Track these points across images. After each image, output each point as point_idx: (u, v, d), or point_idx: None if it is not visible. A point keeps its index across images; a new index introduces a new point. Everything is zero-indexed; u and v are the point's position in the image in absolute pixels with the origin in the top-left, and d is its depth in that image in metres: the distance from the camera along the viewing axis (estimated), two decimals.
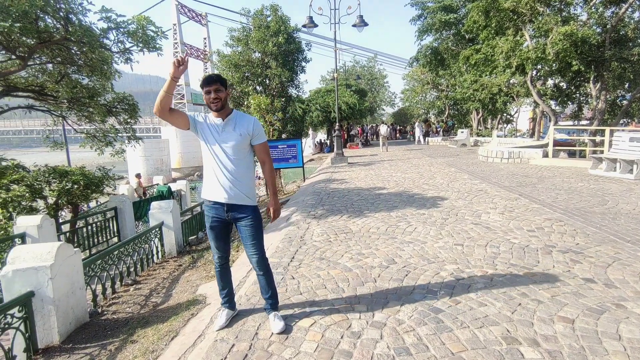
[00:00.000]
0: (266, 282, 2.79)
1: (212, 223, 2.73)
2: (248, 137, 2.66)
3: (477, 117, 27.36)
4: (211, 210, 2.72)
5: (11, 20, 6.82)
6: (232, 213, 2.68)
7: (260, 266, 2.74)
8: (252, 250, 2.71)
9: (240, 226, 2.72)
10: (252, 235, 2.69)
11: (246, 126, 2.65)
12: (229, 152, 2.62)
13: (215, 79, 2.59)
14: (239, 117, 2.68)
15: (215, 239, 2.78)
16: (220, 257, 2.84)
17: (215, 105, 2.58)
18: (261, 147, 2.74)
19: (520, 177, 9.30)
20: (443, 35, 24.51)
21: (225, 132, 2.62)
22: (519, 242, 4.37)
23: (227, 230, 2.82)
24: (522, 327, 2.58)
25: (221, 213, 2.69)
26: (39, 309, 3.21)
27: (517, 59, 13.48)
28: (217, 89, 2.55)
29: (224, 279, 2.89)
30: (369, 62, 48.78)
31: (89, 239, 8.09)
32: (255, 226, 2.70)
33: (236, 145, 2.62)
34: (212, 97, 2.57)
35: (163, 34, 9.57)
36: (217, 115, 2.65)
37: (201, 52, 59.69)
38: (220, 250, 2.82)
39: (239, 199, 2.65)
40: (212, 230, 2.75)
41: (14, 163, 7.51)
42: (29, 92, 10.32)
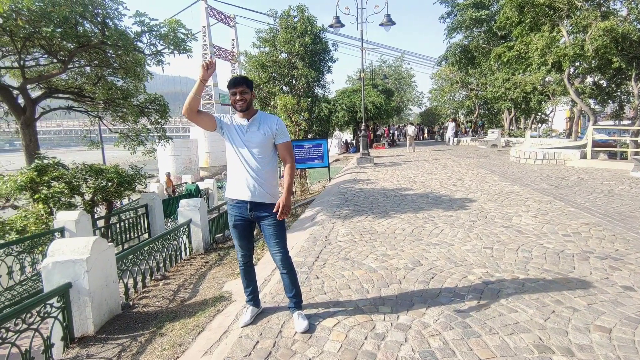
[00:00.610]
0: (290, 281, 2.80)
1: (235, 222, 2.77)
2: (271, 137, 2.70)
3: (509, 116, 26.48)
4: (234, 209, 2.76)
5: (53, 25, 7.20)
6: (255, 212, 2.72)
7: (283, 264, 2.76)
8: (276, 249, 2.74)
9: (263, 225, 2.75)
10: (275, 234, 2.72)
11: (269, 125, 2.69)
12: (253, 152, 2.66)
13: (241, 80, 2.63)
14: (263, 118, 2.73)
15: (238, 237, 2.82)
16: (244, 256, 2.88)
17: (240, 106, 2.64)
18: (284, 145, 2.75)
19: (555, 179, 8.93)
20: (473, 32, 23.88)
21: (249, 132, 2.67)
22: (554, 247, 4.18)
23: (251, 229, 2.85)
24: (555, 335, 2.47)
25: (244, 212, 2.73)
26: (75, 299, 3.36)
27: (553, 55, 12.95)
28: (243, 90, 2.61)
29: (248, 277, 2.93)
30: (396, 61, 48.23)
31: (121, 234, 8.40)
32: (278, 225, 2.73)
33: (260, 144, 2.66)
34: (238, 98, 2.62)
35: (193, 36, 9.83)
36: (242, 116, 2.70)
37: (229, 54, 60.84)
38: (243, 249, 2.86)
39: (262, 197, 2.68)
40: (235, 229, 2.80)
41: (54, 161, 7.89)
42: (69, 94, 10.88)
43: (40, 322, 3.01)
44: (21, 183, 7.06)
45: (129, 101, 10.55)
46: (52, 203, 7.23)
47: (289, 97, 14.19)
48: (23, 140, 9.20)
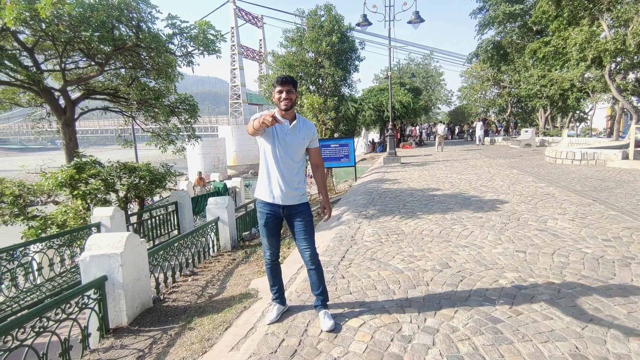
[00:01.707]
0: (317, 278, 2.82)
1: (266, 220, 2.81)
2: (308, 140, 2.80)
3: (544, 115, 25.44)
4: (265, 207, 2.80)
5: (91, 30, 7.53)
6: (286, 210, 2.78)
7: (312, 261, 2.78)
8: (305, 245, 2.77)
9: (293, 222, 2.79)
10: (304, 230, 2.76)
11: (307, 130, 2.78)
12: (290, 154, 2.72)
13: (289, 80, 2.69)
14: (302, 121, 2.81)
15: (268, 235, 2.85)
16: (272, 254, 2.91)
17: (285, 105, 2.67)
18: (316, 150, 2.90)
19: (594, 180, 8.50)
20: (507, 28, 23.10)
21: (290, 134, 2.71)
22: (592, 252, 3.98)
23: (279, 227, 2.89)
24: (593, 344, 2.35)
25: (276, 210, 2.78)
26: (110, 292, 3.50)
27: (593, 50, 12.34)
28: (290, 90, 2.67)
29: (274, 275, 2.96)
30: (425, 59, 47.35)
31: (152, 230, 8.69)
32: (308, 222, 2.78)
33: (298, 147, 2.75)
34: (284, 97, 2.66)
35: (222, 37, 10.03)
36: (283, 116, 2.71)
37: (257, 54, 61.68)
38: (272, 247, 2.89)
39: (294, 199, 2.75)
40: (266, 227, 2.83)
41: (91, 159, 8.26)
42: (105, 95, 11.36)
43: (78, 313, 3.15)
44: (62, 180, 7.43)
45: (160, 101, 10.90)
46: (89, 199, 7.57)
47: (315, 96, 14.22)
48: (63, 139, 9.68)
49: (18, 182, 8.00)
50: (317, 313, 2.86)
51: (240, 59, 57.90)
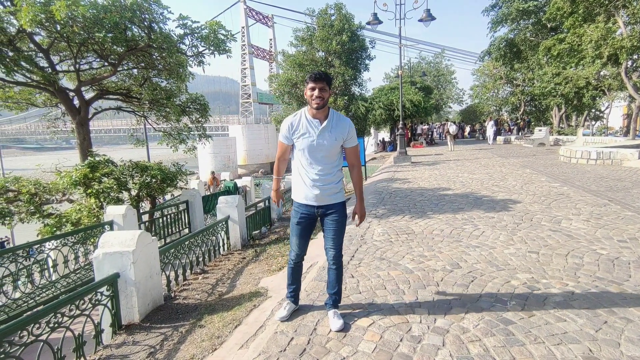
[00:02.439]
0: (335, 277, 2.79)
1: (299, 219, 2.75)
2: (342, 140, 2.66)
3: (558, 113, 25.00)
4: (300, 207, 2.74)
5: (105, 31, 7.64)
6: (323, 209, 2.71)
7: (335, 260, 2.75)
8: (331, 244, 2.72)
9: (327, 220, 2.73)
10: (335, 229, 2.71)
11: (341, 129, 2.64)
12: (322, 155, 2.62)
13: (323, 77, 2.54)
14: (335, 119, 2.65)
15: (299, 235, 2.78)
16: (298, 255, 2.85)
17: (317, 103, 2.54)
18: (352, 150, 2.73)
19: (610, 180, 8.32)
20: (520, 25, 22.76)
21: (322, 134, 2.59)
22: (608, 253, 3.90)
23: (311, 228, 2.83)
24: (607, 347, 2.30)
25: (311, 211, 2.72)
26: (122, 289, 3.55)
27: (609, 48, 12.09)
28: (323, 87, 2.53)
29: (294, 275, 2.92)
30: (436, 57, 46.91)
31: (164, 228, 8.79)
32: (341, 222, 2.72)
33: (330, 148, 2.62)
34: (317, 94, 2.52)
35: (232, 37, 10.09)
36: (315, 115, 2.61)
37: (267, 53, 61.89)
38: (300, 248, 2.82)
39: (330, 200, 2.68)
40: (299, 226, 2.77)
41: (105, 158, 8.39)
42: (118, 95, 11.52)
43: (91, 309, 3.21)
44: (76, 179, 7.57)
45: (171, 101, 11.01)
46: (102, 198, 7.69)
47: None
48: (77, 138, 9.85)
49: (34, 181, 8.18)
50: (326, 312, 2.86)
51: (250, 59, 58.18)
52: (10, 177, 8.24)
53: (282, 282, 4.28)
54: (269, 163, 53.11)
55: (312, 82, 2.53)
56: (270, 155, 53.99)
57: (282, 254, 5.94)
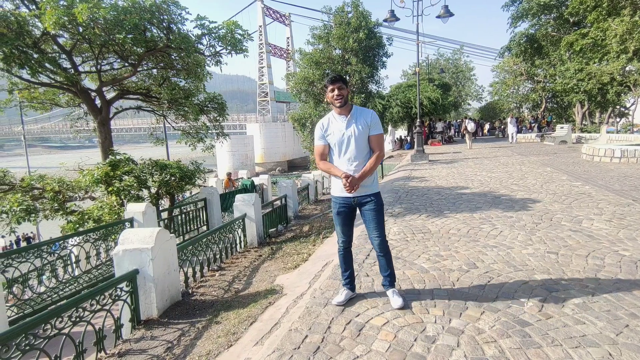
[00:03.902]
0: (386, 262, 2.99)
1: (339, 209, 2.96)
2: (368, 128, 2.85)
3: (581, 110, 24.28)
4: (337, 199, 2.97)
5: (125, 32, 7.82)
6: (357, 200, 2.92)
7: (381, 247, 2.94)
8: (375, 233, 2.91)
9: (364, 210, 2.93)
10: (375, 218, 2.89)
11: (364, 118, 2.86)
12: (354, 145, 2.82)
13: (338, 78, 2.83)
14: (358, 112, 2.90)
15: (341, 224, 3.00)
16: (345, 242, 3.03)
17: (338, 102, 2.81)
18: (376, 137, 2.88)
19: (635, 179, 8.04)
20: (541, 20, 22.19)
21: (349, 128, 2.83)
22: (631, 254, 3.77)
23: (353, 216, 3.02)
24: (628, 351, 2.23)
25: (348, 202, 2.93)
26: (141, 285, 3.65)
27: (635, 42, 11.67)
28: (340, 87, 2.80)
29: (346, 262, 3.08)
30: (454, 54, 46.19)
31: (182, 226, 8.96)
32: (378, 210, 2.90)
33: (358, 137, 2.82)
34: (336, 94, 2.80)
35: (249, 37, 10.18)
36: (340, 112, 2.87)
37: (284, 52, 62.12)
38: (345, 235, 3.02)
39: (366, 189, 2.88)
40: (339, 216, 2.98)
41: (125, 157, 8.60)
42: (138, 95, 11.79)
43: (112, 304, 3.31)
44: (97, 177, 7.78)
45: (190, 100, 11.20)
46: (123, 195, 7.89)
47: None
48: (99, 137, 10.14)
49: (58, 179, 8.45)
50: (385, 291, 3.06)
51: (268, 57, 58.53)
52: (36, 175, 8.54)
53: (298, 280, 4.32)
54: (286, 161, 53.39)
55: (330, 84, 2.82)
56: (287, 154, 54.31)
57: (298, 252, 5.98)
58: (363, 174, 2.83)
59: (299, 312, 3.01)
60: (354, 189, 2.80)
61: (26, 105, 11.66)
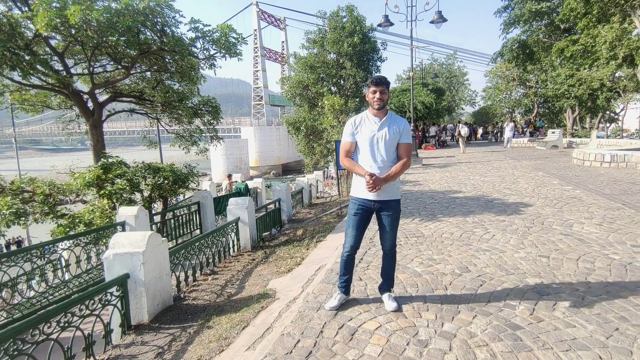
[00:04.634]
0: (389, 265, 3.05)
1: (357, 210, 2.93)
2: (399, 134, 2.87)
3: (572, 115, 24.58)
4: (358, 200, 2.94)
5: (118, 34, 7.78)
6: (378, 204, 2.90)
7: (390, 250, 3.00)
8: (389, 237, 2.96)
9: (383, 215, 2.93)
10: (390, 224, 2.93)
11: (397, 124, 2.88)
12: (383, 148, 2.84)
13: (383, 81, 2.84)
14: (393, 118, 2.92)
15: (355, 226, 2.95)
16: (351, 247, 2.99)
17: (378, 104, 2.83)
18: (405, 145, 2.90)
19: (625, 183, 8.15)
20: (533, 26, 22.49)
21: (381, 130, 2.85)
22: (620, 258, 3.82)
23: (368, 220, 3.00)
24: (618, 355, 2.25)
25: (368, 204, 2.91)
26: (132, 289, 3.61)
27: (624, 48, 11.87)
28: (383, 90, 2.82)
29: (347, 267, 3.07)
30: (448, 59, 46.58)
31: (175, 229, 8.89)
32: (396, 217, 2.94)
33: (389, 141, 2.84)
34: (378, 97, 2.81)
35: (243, 40, 10.18)
36: (375, 114, 2.88)
37: (279, 55, 62.24)
38: (355, 240, 2.98)
39: (387, 195, 2.88)
40: (355, 217, 2.94)
41: (118, 160, 8.53)
42: (131, 97, 11.72)
43: (101, 309, 3.26)
44: (89, 180, 7.71)
45: (184, 103, 11.16)
46: (115, 198, 7.82)
47: (336, 97, 14.20)
48: (91, 140, 10.05)
49: (49, 182, 8.35)
50: (380, 295, 3.11)
51: (262, 61, 58.57)
52: (26, 178, 8.44)
53: (291, 284, 4.30)
54: (281, 165, 53.32)
55: (374, 85, 2.82)
56: (282, 157, 54.27)
57: (292, 256, 5.96)
58: (388, 176, 2.81)
59: (291, 317, 3.00)
60: (376, 189, 2.77)
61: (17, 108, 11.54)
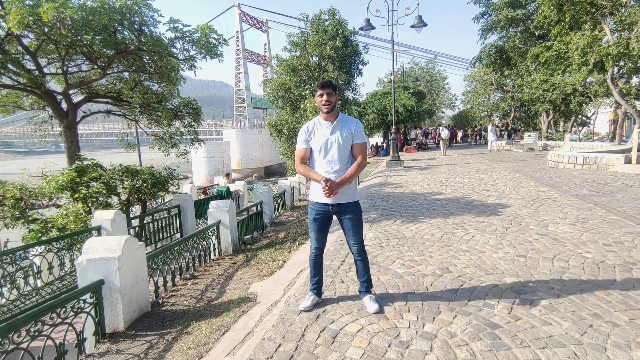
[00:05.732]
0: (363, 267, 3.03)
1: (315, 216, 2.95)
2: (352, 135, 2.87)
3: (547, 119, 25.36)
4: (316, 205, 2.95)
5: (93, 33, 7.58)
6: (336, 208, 2.92)
7: (359, 253, 3.00)
8: (354, 241, 2.97)
9: (343, 218, 2.95)
10: (353, 227, 2.94)
11: (349, 126, 2.88)
12: (337, 152, 2.83)
13: (328, 84, 2.84)
14: (344, 120, 2.92)
15: (316, 230, 3.00)
16: (317, 248, 3.04)
17: (326, 107, 2.83)
18: (359, 146, 2.90)
19: (596, 184, 8.44)
20: (509, 32, 23.12)
21: (333, 134, 2.84)
22: (593, 256, 3.93)
23: (329, 223, 3.03)
24: (592, 351, 2.31)
25: (326, 209, 2.93)
26: (107, 296, 3.49)
27: (595, 55, 12.30)
28: (329, 92, 2.81)
29: (316, 268, 3.09)
30: (429, 63, 47.43)
31: (154, 234, 8.68)
32: (357, 219, 2.94)
33: (343, 145, 2.83)
34: (325, 100, 2.81)
35: (224, 42, 10.08)
36: (326, 118, 2.88)
37: (261, 58, 61.94)
38: (319, 242, 3.03)
39: (344, 198, 2.89)
40: (315, 222, 2.97)
41: (93, 162, 8.28)
42: (108, 98, 11.42)
43: (74, 317, 3.14)
44: (62, 183, 7.45)
45: (163, 105, 10.94)
46: (90, 202, 7.58)
47: None
48: (65, 142, 9.73)
49: (20, 185, 8.02)
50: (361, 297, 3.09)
51: (245, 63, 58.17)
52: None
53: (272, 288, 4.25)
54: (263, 167, 52.98)
55: (320, 89, 2.82)
56: (264, 160, 53.95)
57: (274, 259, 5.91)
58: (343, 179, 2.82)
59: (272, 320, 2.96)
60: (333, 193, 2.78)
61: None
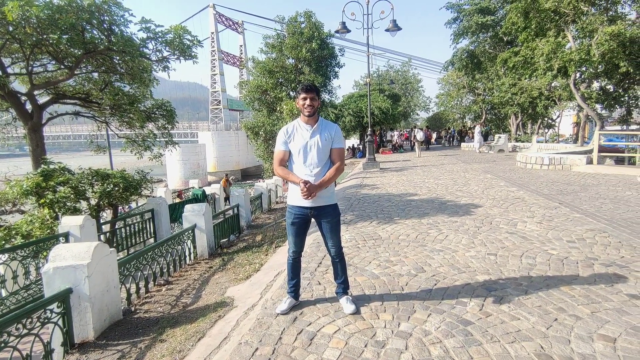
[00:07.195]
0: (340, 269, 3.07)
1: (294, 219, 2.95)
2: (331, 140, 2.89)
3: (515, 121, 26.32)
4: (293, 208, 2.95)
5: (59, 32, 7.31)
6: (314, 211, 2.92)
7: (337, 255, 3.03)
8: (332, 243, 3.00)
9: (322, 221, 2.96)
10: (331, 230, 2.96)
11: (329, 130, 2.91)
12: (316, 155, 2.85)
13: (313, 88, 2.86)
14: (324, 125, 2.94)
15: (295, 234, 3.00)
16: (295, 252, 3.05)
17: (308, 111, 2.84)
18: (337, 150, 2.93)
19: (561, 184, 8.82)
20: (480, 38, 23.86)
21: (312, 137, 2.86)
22: (558, 253, 4.12)
23: (307, 226, 3.04)
24: (557, 344, 2.42)
25: (304, 212, 2.92)
26: (76, 305, 3.37)
27: (559, 61, 12.88)
28: (313, 97, 2.83)
29: (294, 271, 3.10)
30: (403, 66, 48.26)
31: (127, 239, 8.44)
32: (335, 222, 2.96)
33: (322, 148, 2.86)
34: (307, 104, 2.82)
35: (199, 43, 9.94)
36: (307, 121, 2.89)
37: (237, 59, 61.32)
38: (297, 245, 3.04)
39: (323, 200, 2.90)
40: (293, 226, 2.97)
41: (60, 166, 7.97)
42: (76, 100, 11.02)
43: (40, 327, 3.02)
44: (27, 188, 7.14)
45: (135, 107, 10.66)
46: (57, 208, 7.29)
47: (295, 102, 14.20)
48: (30, 145, 9.32)
49: None
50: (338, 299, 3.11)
51: (220, 65, 57.41)
52: None
53: (249, 291, 4.22)
54: (240, 170, 52.38)
55: (304, 92, 2.83)
56: (241, 162, 53.35)
57: (250, 262, 5.86)
58: (322, 182, 2.84)
59: (249, 324, 2.94)
60: (311, 196, 2.79)
61: None
